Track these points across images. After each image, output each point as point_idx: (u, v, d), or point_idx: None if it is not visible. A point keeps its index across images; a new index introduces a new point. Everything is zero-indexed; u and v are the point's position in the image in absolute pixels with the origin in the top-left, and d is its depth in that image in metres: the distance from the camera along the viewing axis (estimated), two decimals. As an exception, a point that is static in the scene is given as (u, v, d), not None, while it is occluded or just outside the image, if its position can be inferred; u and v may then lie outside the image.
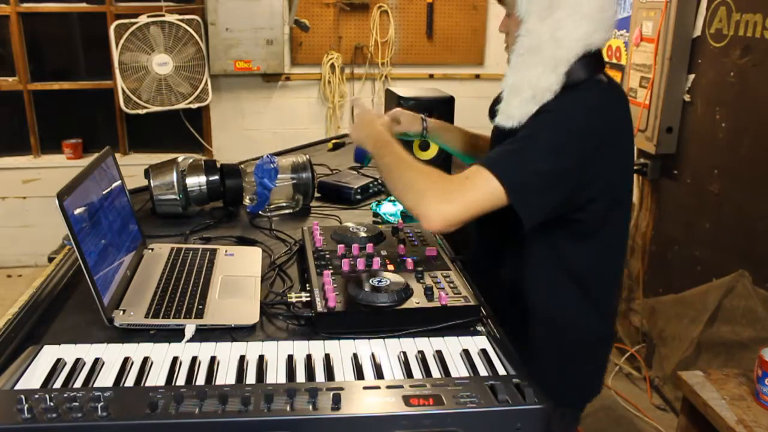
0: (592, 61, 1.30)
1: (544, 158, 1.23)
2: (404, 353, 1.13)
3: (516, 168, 1.24)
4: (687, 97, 2.80)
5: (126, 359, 1.09)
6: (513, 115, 1.30)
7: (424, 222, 1.25)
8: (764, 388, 1.76)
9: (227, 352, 1.12)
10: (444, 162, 1.98)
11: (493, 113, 1.40)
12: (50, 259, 1.59)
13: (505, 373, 1.07)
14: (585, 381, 1.52)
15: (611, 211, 1.36)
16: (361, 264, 1.37)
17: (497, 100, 1.40)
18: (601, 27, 1.28)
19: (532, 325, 1.44)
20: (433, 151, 1.98)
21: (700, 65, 2.72)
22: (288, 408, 0.89)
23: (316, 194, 2.01)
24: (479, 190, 1.23)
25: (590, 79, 1.29)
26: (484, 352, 1.13)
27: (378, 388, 0.95)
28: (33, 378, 1.03)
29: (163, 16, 3.94)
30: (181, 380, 1.04)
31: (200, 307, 1.26)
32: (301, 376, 1.05)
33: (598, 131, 1.27)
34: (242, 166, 1.91)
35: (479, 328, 1.24)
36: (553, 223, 1.32)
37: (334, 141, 2.76)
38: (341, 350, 1.13)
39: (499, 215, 1.27)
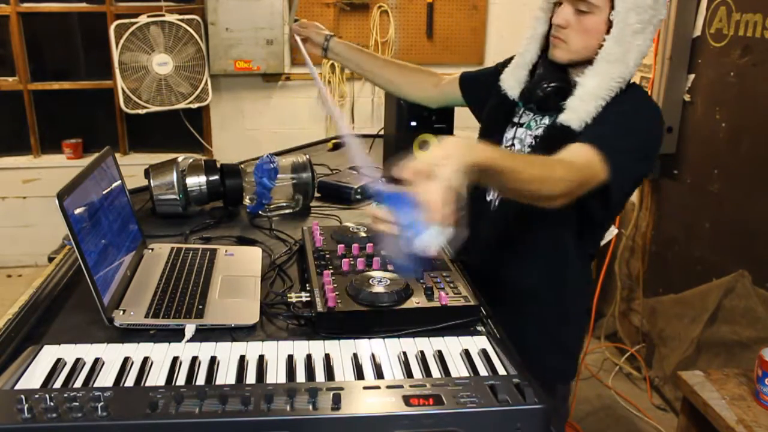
0: None
1: (634, 161, 1.32)
2: (404, 353, 1.13)
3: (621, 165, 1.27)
4: (687, 97, 2.80)
5: (126, 359, 1.09)
6: (582, 118, 1.35)
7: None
8: (764, 388, 1.76)
9: (227, 352, 1.12)
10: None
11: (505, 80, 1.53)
12: (50, 259, 1.58)
13: (505, 373, 1.07)
14: (570, 357, 1.62)
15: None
16: (361, 264, 1.37)
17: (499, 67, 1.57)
18: None
19: (529, 305, 1.52)
20: None
21: (700, 65, 2.72)
22: (288, 408, 0.89)
23: (316, 194, 2.01)
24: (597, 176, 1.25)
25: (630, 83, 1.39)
26: (484, 352, 1.13)
27: (378, 388, 0.95)
28: (33, 378, 1.03)
29: (163, 16, 3.94)
30: (181, 380, 1.04)
31: (200, 307, 1.26)
32: (301, 376, 1.05)
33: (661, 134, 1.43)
34: (242, 166, 1.91)
35: (479, 328, 1.24)
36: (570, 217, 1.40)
37: (334, 141, 2.76)
38: (341, 350, 1.13)
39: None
